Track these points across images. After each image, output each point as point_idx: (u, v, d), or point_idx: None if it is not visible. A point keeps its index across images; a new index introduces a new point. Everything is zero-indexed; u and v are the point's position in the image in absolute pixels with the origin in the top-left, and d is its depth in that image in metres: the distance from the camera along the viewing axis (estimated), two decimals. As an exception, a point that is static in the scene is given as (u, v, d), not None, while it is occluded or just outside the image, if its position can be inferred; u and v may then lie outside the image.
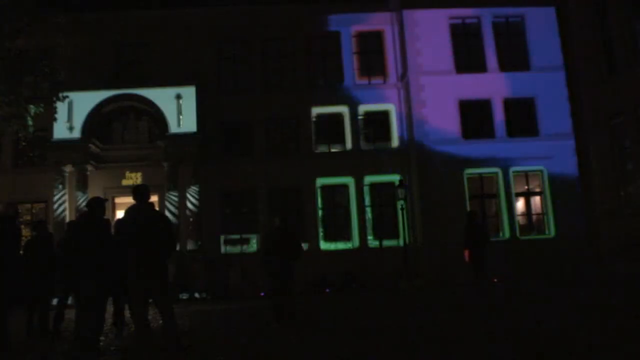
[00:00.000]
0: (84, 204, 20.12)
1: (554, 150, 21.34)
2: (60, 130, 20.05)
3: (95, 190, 20.45)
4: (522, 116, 21.93)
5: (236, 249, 21.47)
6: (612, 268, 18.06)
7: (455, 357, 5.79)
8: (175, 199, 20.54)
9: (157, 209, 9.04)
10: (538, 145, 21.46)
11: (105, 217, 7.39)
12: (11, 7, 13.82)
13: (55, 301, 9.59)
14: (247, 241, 21.66)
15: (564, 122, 21.67)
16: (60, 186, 20.34)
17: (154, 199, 20.56)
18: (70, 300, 9.58)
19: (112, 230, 7.01)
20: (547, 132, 21.62)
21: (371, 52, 23.33)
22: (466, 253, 12.12)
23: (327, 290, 19.69)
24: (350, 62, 23.01)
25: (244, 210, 22.35)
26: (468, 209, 20.38)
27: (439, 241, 20.13)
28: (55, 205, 20.23)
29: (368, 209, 22.16)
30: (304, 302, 13.49)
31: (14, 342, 7.92)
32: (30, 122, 15.29)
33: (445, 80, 21.51)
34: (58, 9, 17.80)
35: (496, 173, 21.50)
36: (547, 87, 21.79)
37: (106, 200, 8.01)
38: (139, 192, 6.56)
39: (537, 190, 22.08)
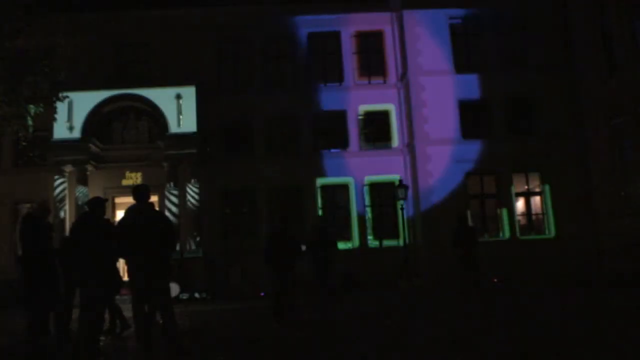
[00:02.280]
0: (83, 204, 20.14)
1: (554, 150, 21.33)
2: (60, 130, 20.06)
3: (95, 190, 20.42)
4: (522, 116, 21.93)
5: (236, 249, 21.44)
6: (612, 268, 18.06)
7: (454, 357, 5.79)
8: (175, 198, 20.54)
9: (157, 209, 9.04)
10: (538, 145, 21.45)
11: (106, 217, 7.38)
12: (11, 7, 13.80)
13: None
14: (247, 241, 21.62)
15: (564, 122, 21.65)
16: (60, 186, 20.34)
17: (154, 199, 20.55)
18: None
19: (113, 230, 7.00)
20: (546, 132, 21.61)
21: (371, 52, 23.31)
22: (457, 252, 12.45)
23: (327, 290, 19.64)
24: (350, 62, 23.01)
25: (244, 210, 22.36)
26: (468, 209, 20.39)
27: (439, 241, 20.10)
28: (55, 205, 20.22)
29: (368, 209, 22.16)
30: (302, 302, 13.46)
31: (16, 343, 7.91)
32: (30, 122, 15.27)
33: (445, 80, 21.50)
34: (58, 8, 17.79)
35: (496, 173, 21.49)
36: (547, 87, 21.79)
37: (106, 200, 7.99)
38: (139, 192, 6.56)
39: (537, 190, 22.07)
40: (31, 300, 7.59)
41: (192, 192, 20.79)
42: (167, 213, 19.36)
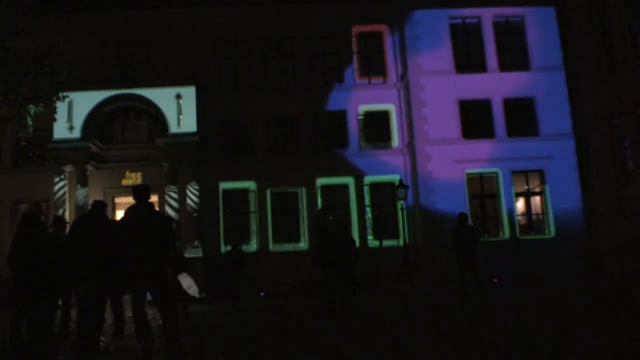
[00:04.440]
0: (83, 203, 20.13)
1: (553, 150, 21.33)
2: (60, 130, 20.07)
3: (95, 190, 20.46)
4: (522, 116, 21.93)
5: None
6: (611, 268, 18.07)
7: (455, 356, 5.80)
8: (175, 198, 20.54)
9: (157, 208, 9.05)
10: (538, 145, 21.45)
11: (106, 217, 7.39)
12: (11, 7, 13.80)
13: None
14: (247, 241, 21.62)
15: (564, 122, 21.65)
16: (60, 186, 20.35)
17: (154, 198, 20.56)
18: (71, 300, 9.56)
19: (112, 230, 7.00)
20: (547, 132, 21.60)
21: (371, 52, 23.32)
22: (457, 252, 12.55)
23: (327, 290, 19.64)
24: (350, 62, 23.02)
25: (244, 210, 22.36)
26: (468, 209, 20.43)
27: (439, 241, 20.12)
28: (55, 206, 20.23)
29: (368, 209, 22.16)
30: (304, 302, 13.49)
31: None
32: (30, 122, 15.28)
33: (445, 80, 21.51)
34: (58, 8, 17.79)
35: (496, 173, 21.50)
36: (547, 87, 21.78)
37: (106, 206, 7.98)
38: (139, 192, 6.55)
39: (537, 190, 22.07)
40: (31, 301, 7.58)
41: (191, 192, 20.80)
42: (167, 213, 19.36)
